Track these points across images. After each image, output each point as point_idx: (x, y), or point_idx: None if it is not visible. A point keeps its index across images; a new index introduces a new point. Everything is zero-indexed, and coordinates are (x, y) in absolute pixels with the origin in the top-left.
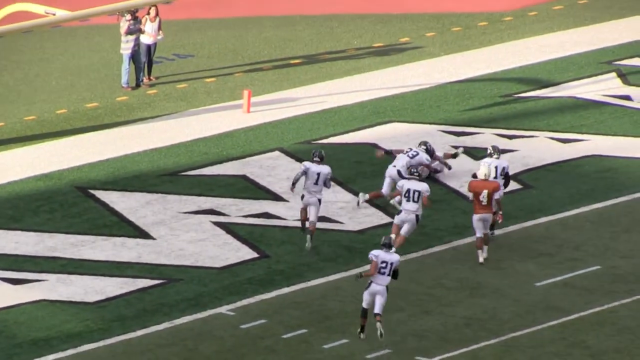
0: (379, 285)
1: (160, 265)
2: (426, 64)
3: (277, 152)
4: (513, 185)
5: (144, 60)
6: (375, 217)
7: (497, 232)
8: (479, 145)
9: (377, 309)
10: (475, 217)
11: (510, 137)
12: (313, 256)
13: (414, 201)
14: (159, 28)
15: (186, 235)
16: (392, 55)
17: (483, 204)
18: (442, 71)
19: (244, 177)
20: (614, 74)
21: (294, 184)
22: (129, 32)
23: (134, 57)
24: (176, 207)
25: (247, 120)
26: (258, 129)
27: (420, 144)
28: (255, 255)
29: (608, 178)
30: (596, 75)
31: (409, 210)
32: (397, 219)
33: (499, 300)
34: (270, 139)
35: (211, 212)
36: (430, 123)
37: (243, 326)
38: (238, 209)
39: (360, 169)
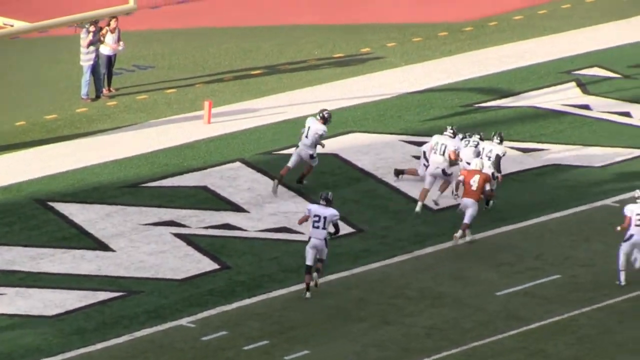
0: (317, 239)
1: (120, 277)
2: (387, 74)
3: (238, 163)
4: None
5: (103, 71)
6: None
7: (459, 240)
8: None
9: (319, 256)
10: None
11: None
12: (274, 267)
13: (440, 154)
14: (119, 39)
15: (146, 247)
16: (353, 65)
17: (472, 188)
18: (403, 81)
19: (205, 188)
20: (573, 84)
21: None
22: (90, 43)
23: (94, 68)
24: (136, 218)
25: (208, 131)
26: (219, 140)
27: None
28: (216, 266)
29: (568, 187)
30: (555, 84)
31: (435, 162)
32: (427, 172)
33: (460, 309)
34: (231, 150)
35: (172, 223)
36: (391, 133)
37: (204, 338)
38: (199, 220)
39: (322, 180)
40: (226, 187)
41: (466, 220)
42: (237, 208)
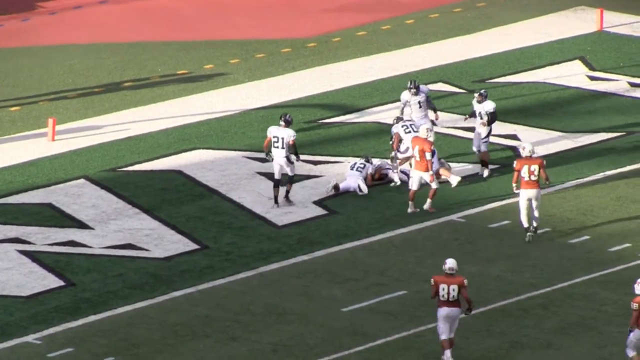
0: (279, 157)
1: None
2: (230, 90)
3: (82, 180)
4: (318, 211)
5: None
6: (181, 244)
7: (303, 257)
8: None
9: (287, 172)
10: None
11: (315, 163)
12: (119, 284)
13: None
14: None
15: None
16: (196, 82)
17: (417, 159)
18: (246, 97)
19: (50, 205)
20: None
21: None
22: None
23: None
24: None
25: (52, 148)
26: (63, 157)
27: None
28: (62, 283)
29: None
30: (400, 100)
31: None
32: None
33: (306, 326)
34: (76, 167)
35: (17, 240)
36: (235, 149)
37: (50, 355)
38: (44, 237)
39: (165, 196)
40: (71, 204)
41: (434, 185)
42: (81, 225)
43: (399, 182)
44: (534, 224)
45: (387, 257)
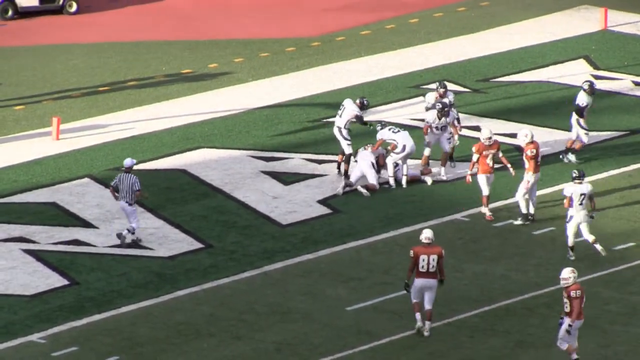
0: (336, 125)
1: None
2: (235, 89)
3: (86, 179)
4: (322, 210)
5: None
6: (185, 243)
7: (308, 256)
8: (289, 170)
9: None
10: None
11: (320, 162)
12: (123, 283)
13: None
14: None
15: None
16: (200, 81)
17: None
18: (250, 97)
19: (54, 204)
20: (421, 98)
21: None
22: None
23: None
24: None
25: (57, 147)
26: (67, 156)
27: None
28: (66, 282)
29: (416, 202)
30: (404, 99)
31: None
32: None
33: (310, 325)
34: (80, 166)
35: (21, 239)
36: (239, 148)
37: (54, 354)
38: (48, 236)
39: (169, 195)
40: (75, 203)
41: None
42: (86, 224)
43: (429, 182)
44: (532, 210)
45: (392, 256)
